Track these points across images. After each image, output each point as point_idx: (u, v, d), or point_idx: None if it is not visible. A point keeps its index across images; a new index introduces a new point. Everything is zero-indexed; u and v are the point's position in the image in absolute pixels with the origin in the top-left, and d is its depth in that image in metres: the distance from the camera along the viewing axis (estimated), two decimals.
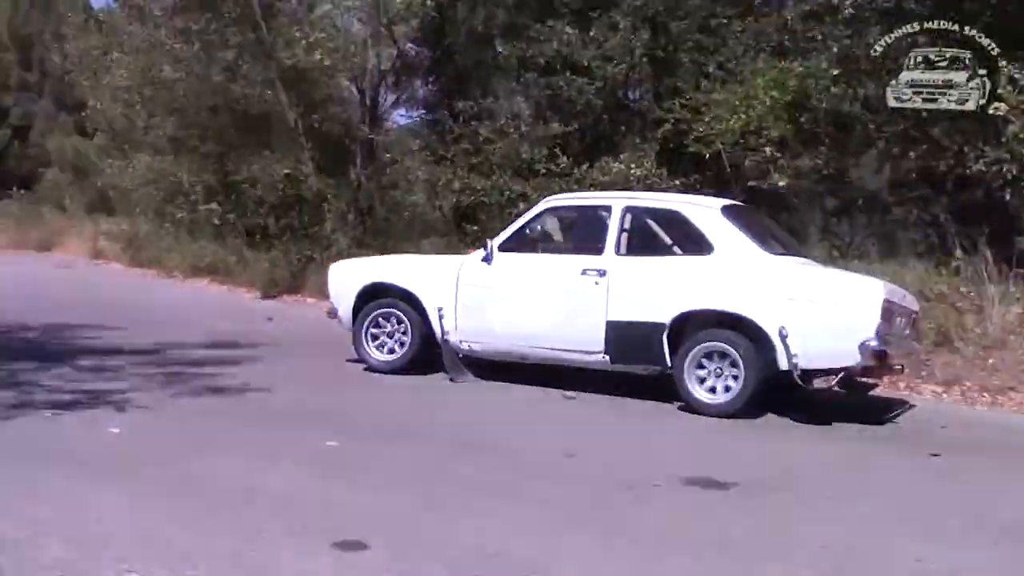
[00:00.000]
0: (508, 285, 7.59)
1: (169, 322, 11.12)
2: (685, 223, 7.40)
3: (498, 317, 7.55)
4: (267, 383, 6.98)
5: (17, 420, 5.22)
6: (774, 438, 6.32)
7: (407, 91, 17.80)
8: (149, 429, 5.36)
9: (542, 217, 7.94)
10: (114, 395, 6.13)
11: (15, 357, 7.38)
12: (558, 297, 7.37)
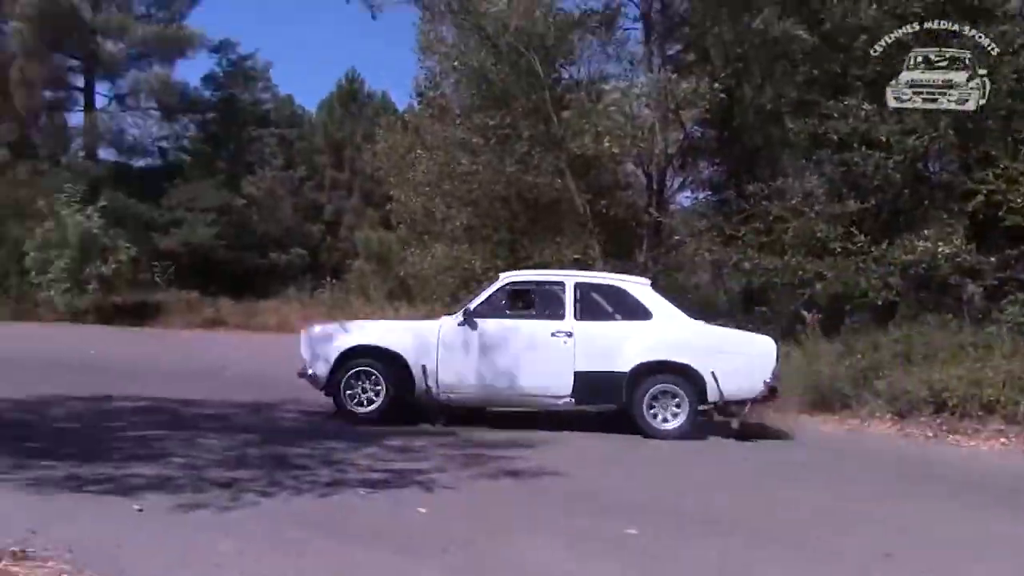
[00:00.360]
0: (486, 344, 9.08)
1: None
2: (626, 295, 9.58)
3: (479, 371, 9.04)
4: (561, 466, 6.99)
5: (334, 497, 5.48)
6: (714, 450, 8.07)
7: (693, 173, 17.79)
8: (453, 510, 5.48)
9: (504, 290, 9.50)
10: (419, 475, 6.33)
11: (330, 436, 7.84)
12: (533, 354, 9.06)
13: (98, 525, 4.49)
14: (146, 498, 5.06)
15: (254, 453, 6.74)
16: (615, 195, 17.28)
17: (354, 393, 9.06)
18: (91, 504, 4.88)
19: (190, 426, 7.99)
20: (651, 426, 8.94)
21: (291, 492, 5.50)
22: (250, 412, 9.21)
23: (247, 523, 4.75)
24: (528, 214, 17.67)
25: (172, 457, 6.32)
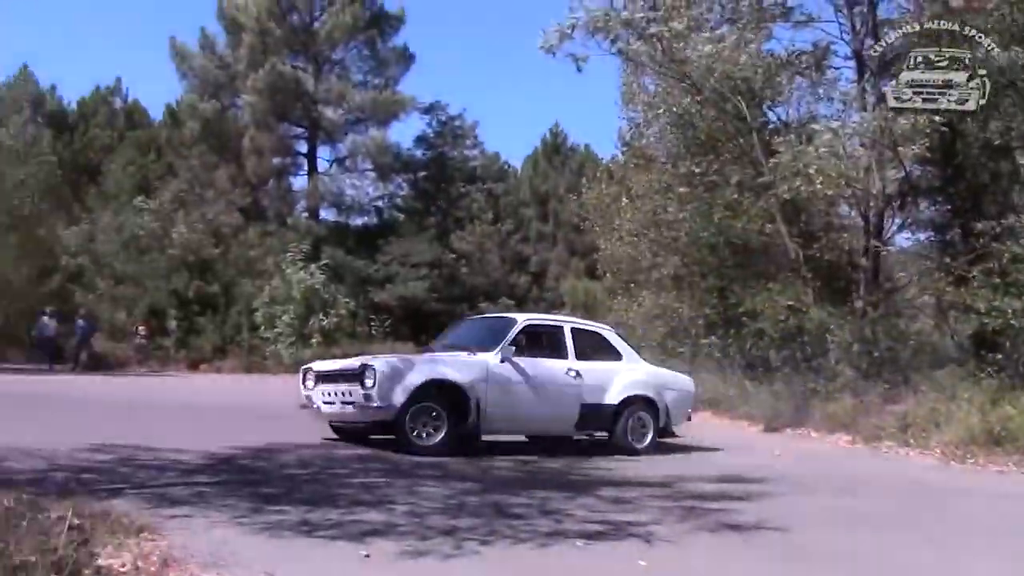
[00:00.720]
0: (521, 380, 10.28)
1: (673, 454, 11.30)
2: (603, 339, 11.60)
3: (515, 404, 10.21)
4: (784, 521, 6.68)
5: (553, 548, 5.43)
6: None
7: (913, 213, 16.92)
8: (675, 564, 5.31)
9: (524, 331, 10.62)
10: (636, 527, 6.20)
11: (543, 486, 7.82)
12: (556, 388, 10.58)
13: (328, 569, 4.61)
14: (372, 544, 5.16)
15: (473, 501, 6.79)
16: (828, 238, 16.63)
17: (415, 426, 9.59)
18: (321, 548, 5.02)
19: (409, 474, 8.17)
20: (631, 446, 11.03)
21: (511, 541, 5.48)
22: (465, 461, 9.32)
23: (468, 571, 4.77)
24: (737, 260, 17.29)
25: (395, 504, 6.45)
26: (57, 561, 3.82)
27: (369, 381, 9.50)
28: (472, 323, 13.18)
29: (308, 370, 10.66)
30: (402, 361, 10.15)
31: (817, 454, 12.39)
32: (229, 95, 40.23)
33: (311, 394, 10.36)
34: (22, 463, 6.39)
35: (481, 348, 10.41)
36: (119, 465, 7.31)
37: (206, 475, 7.31)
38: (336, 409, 10.02)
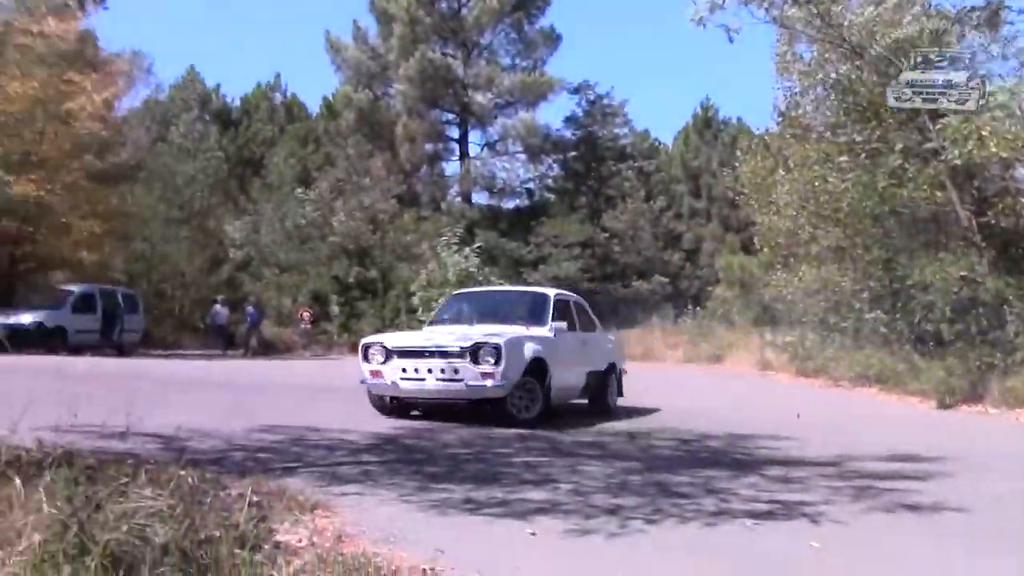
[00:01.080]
0: (568, 351, 10.98)
1: (840, 432, 10.92)
2: (585, 310, 12.47)
3: (564, 375, 10.78)
4: (963, 502, 6.34)
5: (720, 527, 5.32)
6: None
7: None
8: (849, 546, 5.12)
9: (556, 305, 11.35)
10: (805, 507, 6.01)
11: (707, 465, 7.69)
12: (578, 357, 11.36)
13: (496, 547, 4.65)
14: (538, 522, 5.18)
15: (635, 480, 6.73)
16: (1004, 204, 15.68)
17: (515, 400, 9.99)
18: (487, 526, 5.08)
19: (570, 453, 8.18)
20: (609, 407, 12.16)
21: (676, 520, 5.40)
22: (626, 439, 9.29)
23: (635, 550, 4.72)
24: (903, 230, 16.53)
25: (558, 483, 6.46)
26: (239, 536, 3.98)
27: (491, 359, 9.64)
28: (487, 297, 13.22)
29: (375, 345, 10.34)
30: (516, 339, 10.17)
31: (996, 432, 11.76)
32: (382, 85, 41.20)
33: (382, 370, 10.11)
34: (203, 443, 6.70)
35: (523, 322, 10.92)
36: (291, 445, 7.59)
37: (372, 454, 7.51)
38: (426, 386, 9.91)
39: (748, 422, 11.28)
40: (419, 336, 10.77)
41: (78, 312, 22.37)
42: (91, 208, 25.15)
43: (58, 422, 4.76)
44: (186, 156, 36.08)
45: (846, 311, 18.84)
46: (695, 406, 13.82)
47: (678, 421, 11.12)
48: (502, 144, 41.86)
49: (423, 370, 9.90)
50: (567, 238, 38.52)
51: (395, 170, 38.75)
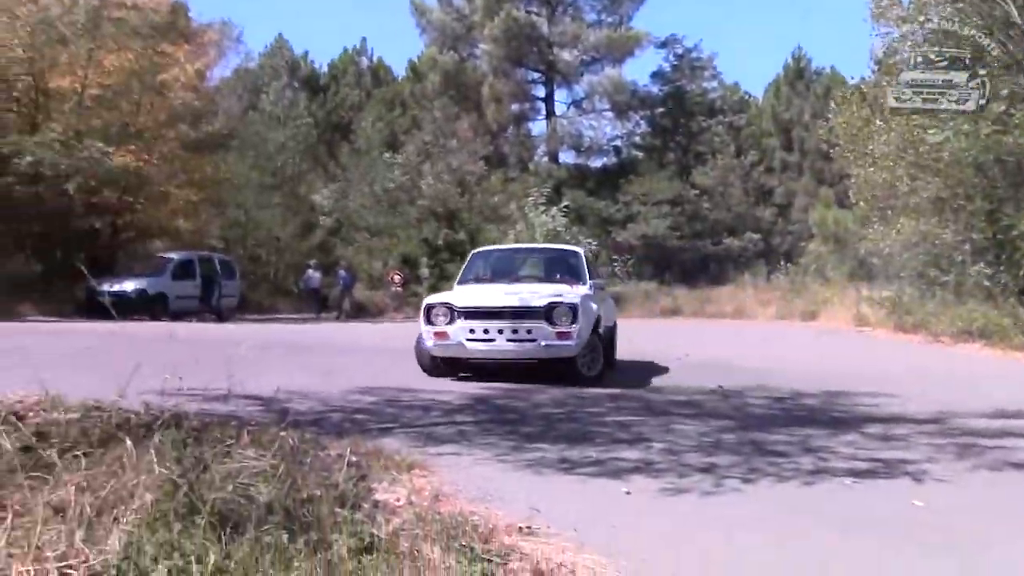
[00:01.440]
0: (600, 309, 10.70)
1: (942, 389, 10.63)
2: (594, 267, 12.44)
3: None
4: None
5: (819, 486, 5.24)
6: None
7: None
8: (954, 504, 5.00)
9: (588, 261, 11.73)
10: (907, 465, 5.89)
11: (803, 423, 7.58)
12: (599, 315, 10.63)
13: (591, 506, 4.67)
14: (632, 481, 5.19)
15: (730, 439, 6.68)
16: None
17: (582, 359, 10.02)
18: (582, 486, 5.10)
19: (663, 412, 8.14)
20: (613, 363, 11.77)
21: (773, 479, 5.34)
22: (719, 399, 9.20)
23: (731, 509, 4.69)
24: (1008, 180, 15.91)
25: (651, 442, 6.44)
26: (339, 495, 4.07)
27: (566, 319, 9.64)
28: (515, 256, 13.06)
29: (439, 306, 10.09)
30: (586, 298, 10.21)
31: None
32: (467, 46, 41.16)
33: (447, 331, 9.88)
34: (302, 405, 6.86)
35: (565, 280, 10.94)
36: (386, 406, 7.72)
37: (466, 414, 7.59)
38: (497, 347, 9.80)
39: (846, 379, 11.07)
40: (485, 295, 10.43)
41: (178, 279, 23.04)
42: (187, 177, 25.82)
43: (163, 386, 4.92)
44: (276, 123, 36.69)
45: (947, 264, 18.29)
46: (789, 363, 13.61)
47: (772, 378, 10.97)
48: (588, 102, 41.51)
49: (493, 331, 9.78)
50: (655, 195, 38.14)
51: (482, 131, 38.77)
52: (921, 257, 19.16)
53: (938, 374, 12.44)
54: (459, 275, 11.88)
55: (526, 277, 11.30)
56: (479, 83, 40.12)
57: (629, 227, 37.69)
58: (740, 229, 39.95)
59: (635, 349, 13.79)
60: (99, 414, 4.65)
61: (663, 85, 41.60)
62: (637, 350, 13.83)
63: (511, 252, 13.48)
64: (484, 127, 39.41)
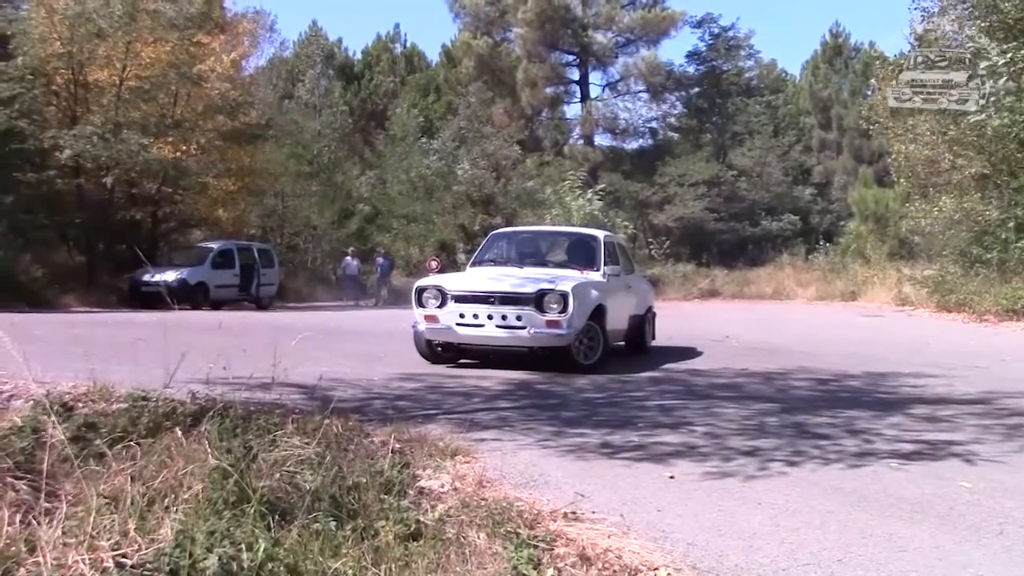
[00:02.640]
0: (616, 297, 10.64)
1: (988, 368, 10.50)
2: (623, 250, 12.21)
3: (615, 320, 10.53)
4: None
5: (864, 468, 5.20)
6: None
7: None
8: (1002, 486, 4.94)
9: (606, 247, 11.03)
10: (955, 447, 5.82)
11: (847, 405, 7.51)
12: (622, 304, 11.05)
13: (635, 490, 4.66)
14: (676, 465, 5.17)
15: (772, 422, 6.64)
16: None
17: (579, 346, 9.66)
18: (626, 470, 5.09)
19: (704, 395, 8.11)
20: (646, 351, 11.92)
21: (818, 462, 5.30)
22: (762, 381, 9.16)
23: (776, 493, 4.66)
24: None
25: (693, 426, 6.42)
26: (384, 482, 4.10)
27: (556, 306, 9.33)
28: (533, 238, 12.60)
29: (430, 289, 9.89)
30: (582, 285, 9.82)
31: None
32: (500, 30, 41.07)
33: (437, 314, 9.70)
34: (345, 392, 6.90)
35: (577, 266, 10.62)
36: (428, 392, 7.75)
37: (507, 400, 7.60)
38: (486, 332, 9.55)
39: (889, 360, 10.96)
40: (477, 279, 10.21)
41: (217, 268, 23.29)
42: (225, 167, 26.01)
43: (208, 375, 4.97)
44: (312, 112, 36.88)
45: (991, 241, 17.99)
46: (831, 344, 13.51)
47: (814, 360, 10.90)
48: (623, 84, 41.27)
49: (483, 316, 9.55)
50: (692, 177, 37.90)
51: (516, 116, 38.71)
52: (964, 235, 18.89)
53: (984, 354, 12.27)
54: (474, 255, 11.77)
55: (539, 261, 11.05)
56: (513, 67, 40.03)
57: (666, 209, 37.51)
58: (778, 209, 39.60)
59: (674, 332, 13.75)
60: (147, 404, 4.71)
61: (699, 65, 41.28)
62: (676, 333, 13.79)
63: (529, 235, 13.10)
64: (519, 111, 39.34)
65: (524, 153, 36.04)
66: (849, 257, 31.81)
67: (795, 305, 27.26)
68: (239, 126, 26.52)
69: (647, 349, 11.98)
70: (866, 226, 33.15)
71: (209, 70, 24.95)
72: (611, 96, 41.60)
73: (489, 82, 39.45)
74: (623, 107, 41.15)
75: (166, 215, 25.92)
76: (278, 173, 30.52)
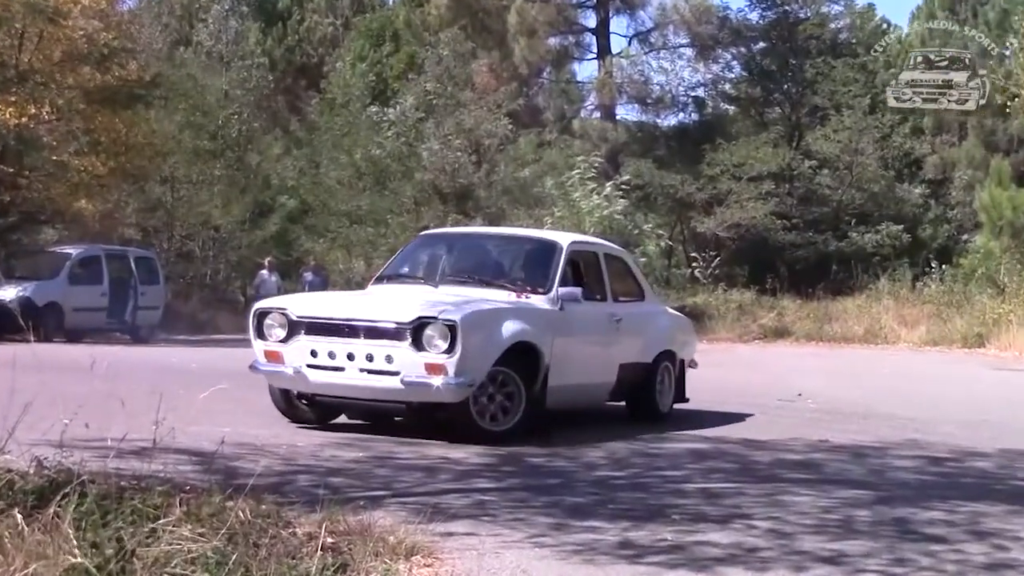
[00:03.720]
0: (577, 333, 10.30)
1: None
2: (628, 270, 12.23)
3: (569, 367, 9.93)
4: None
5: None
6: None
7: None
8: None
9: (569, 260, 10.61)
10: None
11: (971, 496, 7.53)
12: (600, 344, 10.84)
13: None
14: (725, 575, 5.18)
15: (864, 517, 6.67)
16: None
17: (479, 403, 9.17)
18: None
19: (767, 476, 8.15)
20: (658, 414, 11.51)
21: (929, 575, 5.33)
22: (850, 458, 9.22)
23: None
24: None
25: (751, 520, 6.44)
26: None
27: (441, 343, 8.79)
28: (472, 244, 12.25)
29: (274, 313, 9.63)
30: (482, 313, 9.38)
31: None
32: None
33: (281, 351, 9.42)
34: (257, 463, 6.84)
35: (517, 286, 10.28)
36: (375, 465, 7.75)
37: (489, 478, 7.61)
38: (343, 380, 9.22)
39: None
40: (340, 301, 10.12)
41: (77, 283, 23.23)
42: (91, 140, 25.96)
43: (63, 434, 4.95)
44: (217, 64, 36.93)
45: None
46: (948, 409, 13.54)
47: (924, 430, 10.92)
48: (659, 35, 41.41)
49: (341, 355, 9.14)
50: (754, 168, 37.97)
51: (507, 76, 38.80)
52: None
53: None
54: (384, 266, 11.74)
55: (469, 278, 10.61)
56: (504, 8, 40.15)
57: (716, 213, 37.53)
58: (875, 216, 39.69)
59: (725, 385, 13.76)
60: None
61: (765, 9, 41.43)
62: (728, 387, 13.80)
63: (466, 241, 12.61)
64: (510, 70, 39.44)
65: (517, 129, 36.12)
66: (975, 286, 31.84)
67: (896, 352, 27.30)
68: (112, 82, 26.48)
69: (660, 414, 11.46)
70: (1000, 242, 33.23)
71: (71, 1, 24.93)
72: (641, 51, 41.76)
73: (469, 28, 39.52)
74: (657, 67, 41.30)
75: (3, 206, 25.83)
76: (166, 150, 30.49)
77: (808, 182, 39.15)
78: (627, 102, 41.52)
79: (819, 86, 40.45)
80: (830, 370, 19.65)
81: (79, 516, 4.10)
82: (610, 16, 41.58)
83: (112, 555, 3.69)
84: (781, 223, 37.47)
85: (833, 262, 37.91)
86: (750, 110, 41.50)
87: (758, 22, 41.34)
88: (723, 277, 35.02)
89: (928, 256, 37.27)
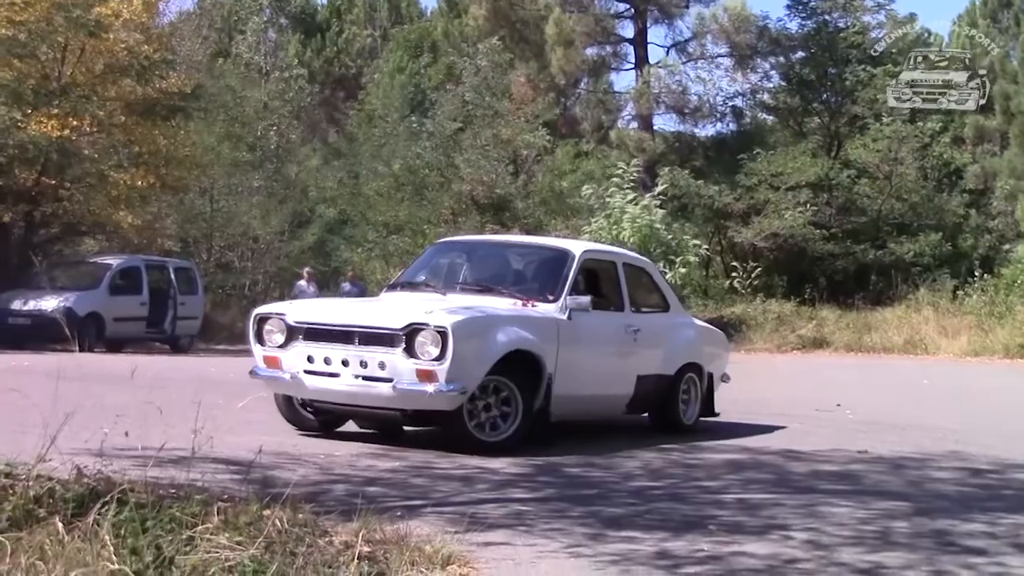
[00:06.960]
0: (588, 344, 10.16)
1: None
2: (651, 281, 12.23)
3: (580, 378, 9.89)
4: None
5: None
6: None
7: None
8: None
9: (582, 269, 10.57)
10: None
11: (1013, 508, 7.47)
12: (615, 355, 10.70)
13: None
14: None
15: (903, 529, 6.63)
16: None
17: (474, 413, 9.12)
18: None
19: (805, 487, 8.12)
20: (681, 426, 11.34)
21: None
22: (889, 469, 9.16)
23: None
24: None
25: (789, 531, 6.42)
26: None
27: (433, 349, 8.73)
28: (486, 252, 12.20)
29: (273, 318, 9.65)
30: (475, 320, 9.29)
31: None
32: None
33: (279, 356, 9.44)
34: (293, 472, 6.90)
35: (526, 294, 10.19)
36: (412, 475, 7.76)
37: (525, 488, 7.61)
38: (337, 386, 9.22)
39: None
40: (337, 306, 10.10)
41: (117, 294, 23.38)
42: (132, 152, 26.13)
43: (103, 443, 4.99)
44: (257, 77, 37.14)
45: None
46: (990, 420, 13.47)
47: (965, 442, 10.84)
48: (697, 44, 41.34)
49: (336, 361, 9.13)
50: (793, 177, 37.85)
51: (545, 86, 38.85)
52: None
53: None
54: (399, 274, 11.75)
55: (478, 286, 10.61)
56: (542, 18, 40.21)
57: (754, 222, 37.40)
58: (915, 226, 39.49)
59: (764, 396, 13.70)
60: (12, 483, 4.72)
61: (805, 19, 41.32)
62: (766, 396, 13.74)
63: (480, 249, 12.57)
64: (548, 81, 39.49)
65: (554, 140, 36.15)
66: (1017, 296, 31.64)
67: (937, 362, 27.13)
68: (153, 95, 26.67)
69: (683, 426, 11.31)
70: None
71: (112, 15, 25.11)
72: (679, 61, 41.69)
73: (507, 39, 39.61)
74: (695, 77, 41.23)
75: (46, 217, 26.02)
76: (206, 162, 30.66)
77: (847, 192, 38.95)
78: (664, 112, 41.46)
79: (858, 95, 40.27)
80: (869, 381, 19.56)
81: (118, 524, 4.13)
82: (648, 26, 41.54)
83: (151, 562, 3.72)
84: (820, 233, 37.31)
85: (872, 272, 37.74)
86: (788, 120, 41.32)
87: (797, 31, 41.21)
88: (762, 287, 34.88)
89: (969, 266, 37.01)
